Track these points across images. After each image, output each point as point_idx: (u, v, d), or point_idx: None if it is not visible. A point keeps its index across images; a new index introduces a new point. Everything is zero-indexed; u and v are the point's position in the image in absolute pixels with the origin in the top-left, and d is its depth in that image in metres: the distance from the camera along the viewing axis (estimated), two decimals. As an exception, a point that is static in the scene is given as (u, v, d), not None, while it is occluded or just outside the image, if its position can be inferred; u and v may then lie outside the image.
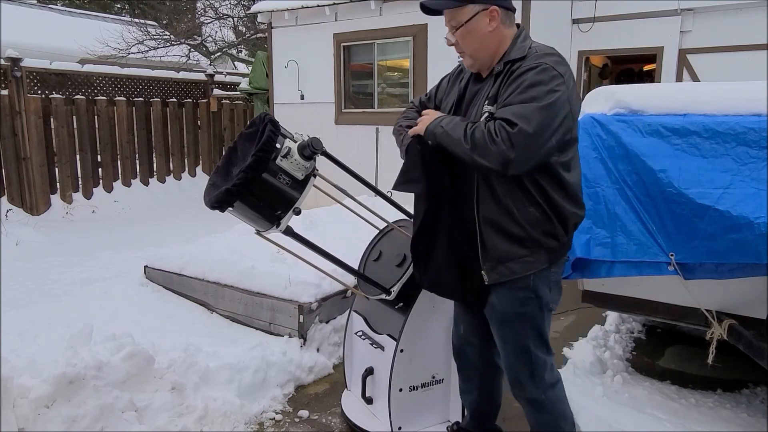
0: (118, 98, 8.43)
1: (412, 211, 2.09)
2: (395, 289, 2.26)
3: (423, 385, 2.48)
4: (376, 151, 7.25)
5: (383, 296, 2.29)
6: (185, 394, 2.66)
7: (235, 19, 13.83)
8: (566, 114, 1.73)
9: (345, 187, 2.22)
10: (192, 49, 12.72)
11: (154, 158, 9.00)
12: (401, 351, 2.38)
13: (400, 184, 1.92)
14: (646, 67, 8.94)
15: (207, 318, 3.76)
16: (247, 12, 12.52)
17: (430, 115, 1.92)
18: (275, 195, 1.90)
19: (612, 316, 3.89)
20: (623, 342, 3.53)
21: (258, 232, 2.10)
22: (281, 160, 1.88)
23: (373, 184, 2.54)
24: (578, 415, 2.56)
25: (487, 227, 1.85)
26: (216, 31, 13.71)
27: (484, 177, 1.84)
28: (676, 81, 6.53)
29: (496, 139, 1.66)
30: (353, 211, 2.46)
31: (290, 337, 3.32)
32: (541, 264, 1.85)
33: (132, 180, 8.65)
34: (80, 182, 7.97)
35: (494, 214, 1.84)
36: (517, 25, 1.91)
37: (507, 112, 1.69)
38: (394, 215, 2.54)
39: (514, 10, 1.89)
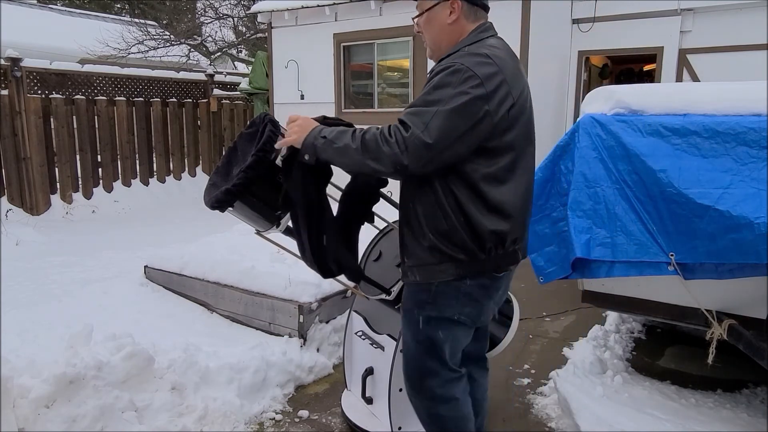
0: (118, 98, 8.42)
1: None
2: (395, 289, 2.26)
3: (423, 385, 2.48)
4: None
5: (383, 296, 2.29)
6: (185, 394, 2.66)
7: (235, 19, 13.84)
8: (481, 119, 1.59)
9: (344, 186, 2.22)
10: (192, 49, 12.72)
11: (154, 158, 9.00)
12: (401, 351, 2.37)
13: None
14: (646, 67, 8.95)
15: (207, 318, 3.76)
16: (247, 12, 12.52)
17: (303, 124, 1.77)
18: (275, 195, 1.91)
19: (612, 316, 3.89)
20: (623, 342, 3.53)
21: (258, 232, 2.10)
22: (281, 160, 1.88)
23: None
24: (578, 415, 2.57)
25: (406, 229, 1.82)
26: (216, 31, 13.72)
27: (403, 182, 1.79)
28: (676, 81, 6.53)
29: (389, 140, 1.57)
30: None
31: (290, 337, 3.32)
32: (447, 275, 1.75)
33: (132, 180, 8.65)
34: (80, 182, 7.97)
35: (410, 218, 1.79)
36: (487, 24, 1.84)
37: (405, 114, 1.60)
38: (394, 215, 2.54)
39: (482, 7, 1.82)
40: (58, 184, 7.64)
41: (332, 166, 1.84)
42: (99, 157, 8.19)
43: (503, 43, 1.82)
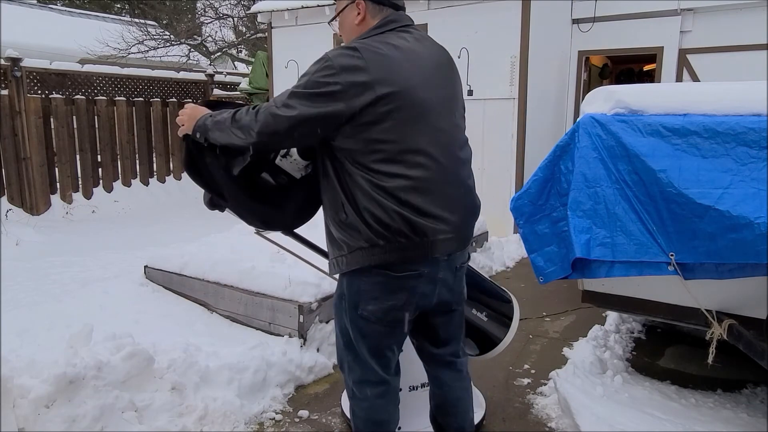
0: (118, 98, 8.43)
1: None
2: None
3: (423, 385, 2.48)
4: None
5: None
6: (185, 394, 2.66)
7: (235, 19, 13.84)
8: (328, 105, 1.62)
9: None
10: (192, 49, 12.73)
11: (154, 158, 9.00)
12: (401, 351, 2.37)
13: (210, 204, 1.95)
14: (646, 67, 8.95)
15: (207, 318, 3.76)
16: (247, 12, 12.52)
17: (191, 113, 1.89)
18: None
19: (612, 316, 3.89)
20: (623, 342, 3.53)
21: (258, 232, 2.10)
22: (281, 160, 1.88)
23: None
24: (578, 415, 2.57)
25: (325, 219, 1.88)
26: (216, 31, 13.74)
27: (316, 175, 1.85)
28: (676, 81, 6.53)
29: (251, 111, 1.71)
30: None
31: (290, 337, 3.32)
32: (348, 266, 1.78)
33: (132, 180, 8.65)
34: (80, 182, 7.97)
35: (325, 209, 1.86)
36: (390, 18, 1.82)
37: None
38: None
39: (391, 5, 1.83)
40: (58, 184, 7.64)
41: None
42: (99, 157, 8.19)
43: (411, 37, 1.80)
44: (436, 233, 1.72)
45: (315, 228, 2.04)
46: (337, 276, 1.91)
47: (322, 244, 2.15)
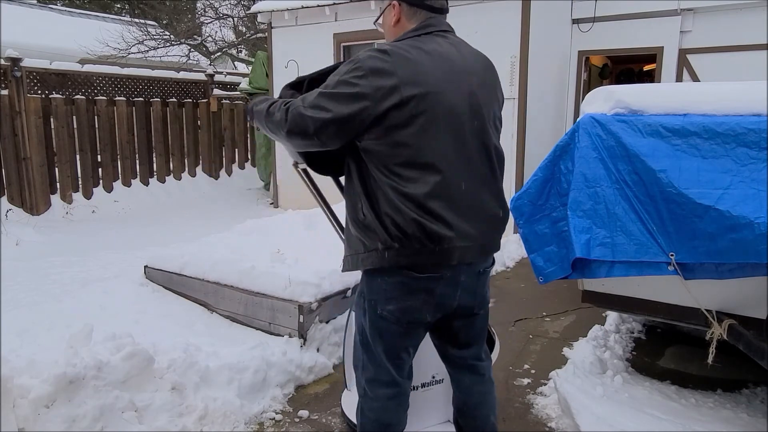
0: (118, 98, 8.42)
1: None
2: None
3: (423, 385, 2.48)
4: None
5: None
6: (185, 394, 2.66)
7: (235, 19, 13.84)
8: (354, 106, 1.64)
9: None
10: (192, 49, 12.73)
11: (154, 158, 8.99)
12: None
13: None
14: (646, 67, 8.95)
15: (207, 318, 3.76)
16: (247, 12, 12.52)
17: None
18: None
19: (612, 316, 3.89)
20: (623, 342, 3.53)
21: (296, 164, 2.18)
22: None
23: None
24: (578, 415, 2.57)
25: (345, 217, 1.91)
26: (216, 31, 13.74)
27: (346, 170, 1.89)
28: (676, 81, 6.53)
29: (282, 108, 1.75)
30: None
31: (290, 337, 3.32)
32: (362, 266, 1.81)
33: (132, 180, 8.65)
34: (80, 182, 7.96)
35: (346, 207, 1.88)
36: (426, 23, 1.83)
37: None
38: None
39: (425, 8, 1.82)
40: (58, 184, 7.64)
41: None
42: (99, 157, 8.19)
43: (447, 42, 1.80)
44: (451, 241, 1.71)
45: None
46: (358, 271, 1.93)
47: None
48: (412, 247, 1.69)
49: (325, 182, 2.16)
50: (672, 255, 2.20)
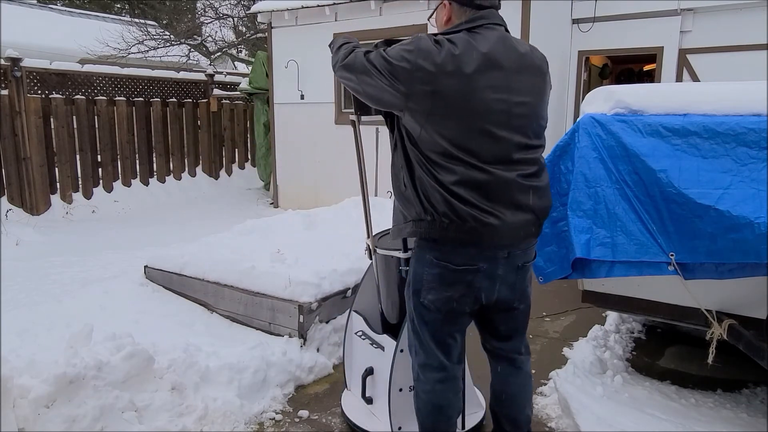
0: (118, 98, 8.42)
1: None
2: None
3: (423, 385, 2.48)
4: (376, 152, 7.25)
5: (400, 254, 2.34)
6: (185, 394, 2.66)
7: (235, 19, 13.84)
8: (392, 74, 1.77)
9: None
10: (192, 49, 12.72)
11: (154, 158, 8.99)
12: (401, 351, 2.38)
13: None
14: (646, 67, 8.95)
15: (207, 318, 3.76)
16: (247, 12, 12.52)
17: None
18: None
19: (612, 316, 3.89)
20: (623, 342, 3.53)
21: (357, 115, 2.37)
22: None
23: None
24: (578, 415, 2.57)
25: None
26: (216, 31, 13.73)
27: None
28: (676, 81, 6.53)
29: (351, 48, 1.94)
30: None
31: (290, 337, 3.32)
32: (403, 234, 1.98)
33: (132, 180, 8.65)
34: (80, 182, 7.97)
35: (392, 178, 2.01)
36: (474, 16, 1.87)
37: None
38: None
39: (474, 6, 1.86)
40: (58, 184, 7.65)
41: None
42: (99, 157, 8.19)
43: (495, 37, 1.82)
44: (476, 219, 1.78)
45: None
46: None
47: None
48: (440, 221, 1.80)
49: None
50: (672, 255, 2.20)
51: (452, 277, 1.87)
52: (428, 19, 2.14)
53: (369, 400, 2.62)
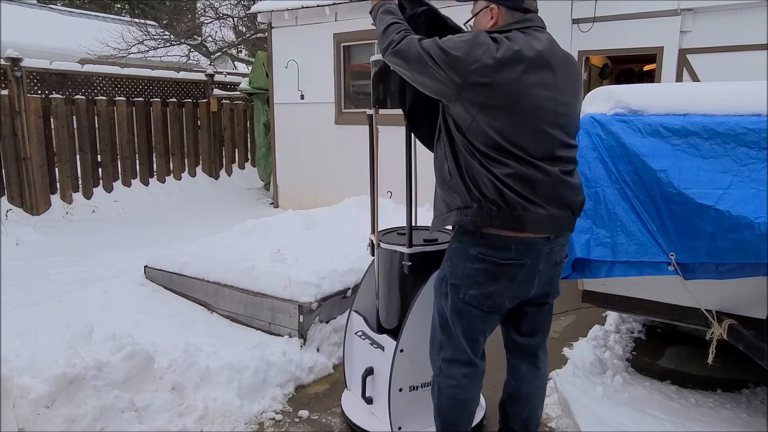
0: (118, 98, 8.42)
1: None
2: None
3: (423, 385, 2.48)
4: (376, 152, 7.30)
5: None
6: (185, 394, 2.66)
7: (235, 19, 13.84)
8: (449, 69, 1.78)
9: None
10: (192, 49, 12.71)
11: (154, 158, 8.98)
12: (401, 351, 2.38)
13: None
14: (646, 67, 8.95)
15: (207, 318, 3.76)
16: (247, 12, 12.52)
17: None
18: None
19: (612, 316, 3.89)
20: (623, 342, 3.53)
21: (376, 107, 2.42)
22: None
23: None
24: (578, 415, 2.57)
25: (435, 179, 2.05)
26: (216, 31, 13.72)
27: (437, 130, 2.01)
28: (676, 81, 6.53)
29: (402, 32, 1.91)
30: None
31: (290, 337, 3.32)
32: (446, 223, 1.96)
33: (132, 180, 8.64)
34: (80, 182, 7.96)
35: (435, 168, 2.03)
36: (522, 18, 1.91)
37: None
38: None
39: (521, 9, 1.92)
40: (58, 184, 7.64)
41: None
42: (99, 157, 8.18)
43: (545, 38, 1.90)
44: (525, 209, 1.82)
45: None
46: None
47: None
48: (488, 207, 1.83)
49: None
50: (672, 255, 2.20)
51: (497, 272, 1.89)
52: (465, 24, 2.12)
53: (369, 400, 2.62)
